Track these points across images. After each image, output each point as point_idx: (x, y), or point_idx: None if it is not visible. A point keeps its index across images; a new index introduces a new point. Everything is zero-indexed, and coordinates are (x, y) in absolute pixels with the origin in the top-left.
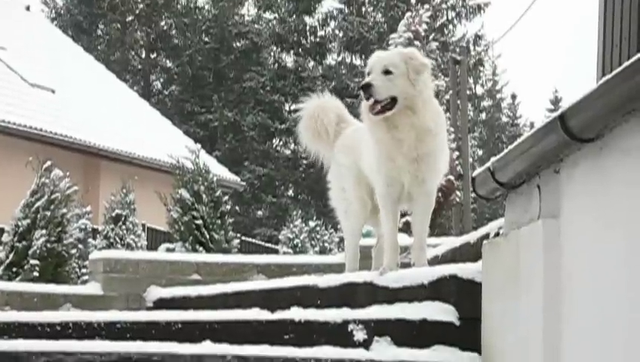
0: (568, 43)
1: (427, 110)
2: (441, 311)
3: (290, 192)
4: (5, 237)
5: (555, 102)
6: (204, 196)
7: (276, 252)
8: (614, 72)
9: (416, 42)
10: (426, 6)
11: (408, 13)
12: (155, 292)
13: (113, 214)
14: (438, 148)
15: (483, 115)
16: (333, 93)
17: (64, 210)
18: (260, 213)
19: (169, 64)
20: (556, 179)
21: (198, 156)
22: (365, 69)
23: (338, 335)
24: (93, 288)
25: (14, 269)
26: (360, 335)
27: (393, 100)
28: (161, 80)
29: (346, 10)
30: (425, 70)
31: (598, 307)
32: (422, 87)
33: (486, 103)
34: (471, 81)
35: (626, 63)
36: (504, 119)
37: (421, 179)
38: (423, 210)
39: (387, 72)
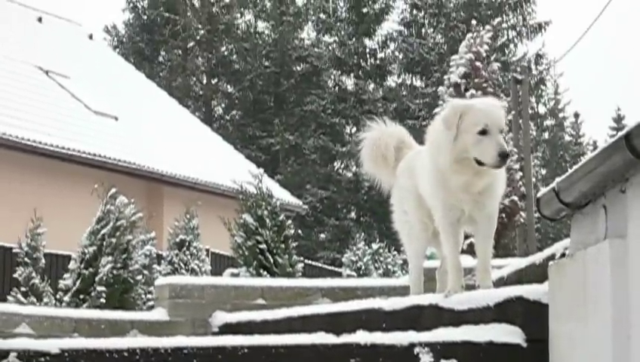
0: (631, 60)
1: None
2: (507, 333)
3: (353, 215)
4: (72, 265)
5: (618, 120)
6: (267, 220)
7: (340, 275)
8: None
9: (478, 63)
10: (487, 27)
11: (469, 34)
12: (221, 317)
13: (177, 240)
14: (498, 177)
15: (546, 135)
16: (394, 114)
17: (129, 237)
18: (322, 236)
19: (230, 89)
20: (622, 199)
21: (261, 181)
22: (450, 117)
23: (404, 358)
24: (159, 314)
25: (81, 296)
26: (426, 358)
27: None
28: (223, 105)
29: (406, 32)
30: None
31: None
32: None
33: (548, 122)
34: (533, 100)
35: None
36: (567, 138)
37: (482, 204)
38: (485, 233)
39: (501, 132)
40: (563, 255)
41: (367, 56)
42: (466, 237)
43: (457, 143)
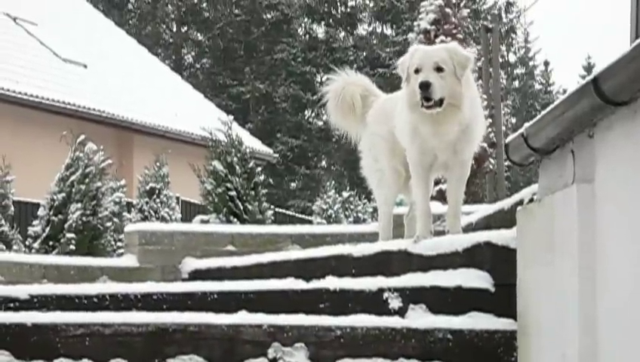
0: (601, 8)
1: (471, 106)
2: (476, 278)
3: (324, 163)
4: (41, 211)
5: (589, 68)
6: (237, 167)
7: (310, 223)
8: None
9: (448, 10)
10: None
11: None
12: (191, 264)
13: (147, 188)
14: (475, 122)
15: (516, 83)
16: (365, 63)
17: (98, 184)
18: (293, 184)
19: (200, 37)
20: (590, 144)
21: (230, 128)
22: (405, 61)
23: (373, 303)
24: (129, 260)
25: (51, 243)
26: (395, 303)
27: (442, 98)
28: (193, 53)
29: None
30: (469, 64)
31: (634, 272)
32: (466, 82)
33: (519, 71)
34: (503, 48)
35: None
36: (537, 86)
37: (459, 150)
38: (458, 179)
39: (439, 69)
40: (531, 200)
41: (338, 4)
42: (436, 183)
43: (409, 87)
